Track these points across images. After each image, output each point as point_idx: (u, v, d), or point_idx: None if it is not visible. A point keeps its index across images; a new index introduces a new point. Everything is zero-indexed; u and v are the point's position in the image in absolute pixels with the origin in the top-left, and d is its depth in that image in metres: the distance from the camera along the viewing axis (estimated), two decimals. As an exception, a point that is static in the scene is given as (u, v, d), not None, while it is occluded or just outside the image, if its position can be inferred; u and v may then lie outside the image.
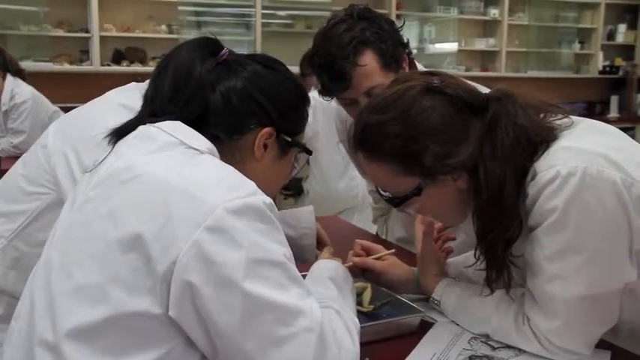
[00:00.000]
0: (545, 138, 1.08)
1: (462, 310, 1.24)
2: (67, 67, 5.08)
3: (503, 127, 1.07)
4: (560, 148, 1.06)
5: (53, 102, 4.09)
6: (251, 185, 0.89)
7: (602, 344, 1.13)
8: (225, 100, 1.01)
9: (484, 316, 1.19)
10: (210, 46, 1.05)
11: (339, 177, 3.36)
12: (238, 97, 1.02)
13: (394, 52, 1.54)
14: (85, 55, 5.20)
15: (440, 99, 1.09)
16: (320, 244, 1.50)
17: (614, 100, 7.52)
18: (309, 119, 1.16)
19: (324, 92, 1.58)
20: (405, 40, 1.61)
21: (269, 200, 0.89)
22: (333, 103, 1.95)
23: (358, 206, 3.39)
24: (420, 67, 1.71)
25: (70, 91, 4.93)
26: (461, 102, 1.09)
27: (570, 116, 1.13)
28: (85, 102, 1.57)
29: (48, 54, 5.05)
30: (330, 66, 1.51)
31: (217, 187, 0.86)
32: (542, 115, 1.12)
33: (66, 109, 3.53)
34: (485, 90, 1.20)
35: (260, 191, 0.89)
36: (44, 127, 3.42)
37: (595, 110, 7.26)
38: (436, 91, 1.10)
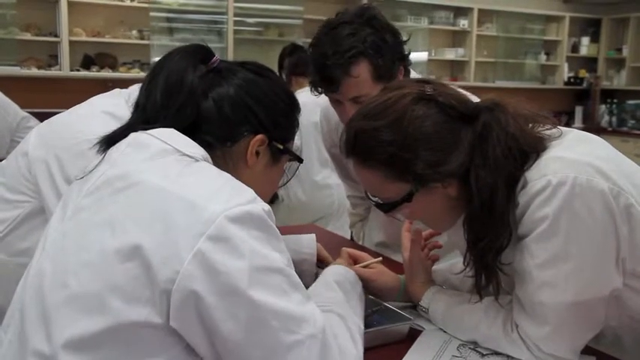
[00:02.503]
0: (535, 148, 1.10)
1: (451, 318, 1.25)
2: (35, 71, 4.97)
3: (494, 136, 1.08)
4: (551, 157, 1.08)
5: (21, 107, 4.00)
6: (250, 192, 0.89)
7: (586, 350, 1.16)
8: (218, 107, 1.01)
9: (473, 323, 1.20)
10: (201, 54, 1.05)
11: (313, 184, 3.36)
12: (231, 104, 1.02)
13: (390, 67, 1.54)
14: (53, 59, 5.10)
15: (432, 107, 1.10)
16: (323, 264, 1.51)
17: (578, 110, 7.72)
18: None
19: (314, 86, 1.59)
20: (407, 52, 1.61)
21: (267, 207, 0.89)
22: (318, 105, 1.96)
23: (333, 214, 3.39)
24: (415, 75, 1.71)
25: (39, 95, 4.85)
26: (453, 110, 1.11)
27: (558, 127, 1.16)
28: (54, 107, 1.55)
29: (15, 58, 4.93)
30: (323, 68, 1.51)
31: (217, 195, 0.85)
32: (531, 125, 1.14)
33: (34, 115, 3.47)
34: (476, 99, 1.22)
35: (259, 198, 0.89)
36: (12, 132, 3.35)
37: (560, 120, 7.43)
38: (429, 100, 1.11)
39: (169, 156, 0.92)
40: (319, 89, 1.59)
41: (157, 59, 1.07)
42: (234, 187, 0.90)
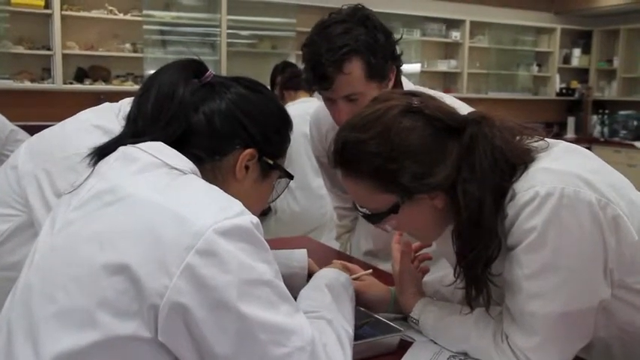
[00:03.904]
0: (522, 160, 1.11)
1: (441, 329, 1.25)
2: (28, 84, 4.97)
3: (481, 148, 1.09)
4: (539, 169, 1.09)
5: (13, 120, 3.98)
6: (238, 205, 0.89)
7: (576, 360, 1.16)
8: (209, 120, 1.01)
9: (463, 334, 1.20)
10: (194, 68, 1.06)
11: (307, 194, 3.36)
12: (222, 118, 1.02)
13: (383, 65, 1.56)
14: (46, 72, 5.10)
15: (419, 120, 1.11)
16: None
17: (570, 121, 7.76)
18: None
19: (307, 84, 1.61)
20: (399, 52, 1.63)
21: (256, 220, 0.89)
22: (308, 116, 1.97)
23: (327, 225, 3.39)
24: (406, 80, 1.73)
25: (32, 109, 4.85)
26: (440, 123, 1.11)
27: (545, 139, 1.17)
28: (48, 120, 1.54)
29: (8, 71, 4.94)
30: (316, 66, 1.53)
31: (205, 208, 0.86)
32: (518, 138, 1.14)
33: (28, 128, 3.46)
34: (469, 109, 1.22)
35: (247, 210, 0.89)
36: (1, 145, 3.33)
37: (553, 131, 7.46)
38: (416, 112, 1.12)
39: (158, 169, 0.92)
40: (311, 88, 1.61)
41: (150, 72, 1.07)
42: (223, 200, 0.90)
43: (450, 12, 6.80)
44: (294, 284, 1.44)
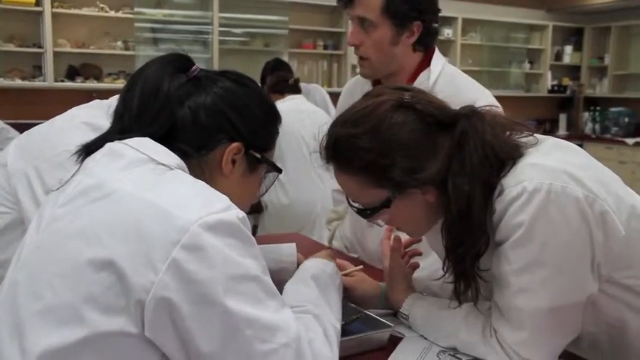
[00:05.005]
0: (511, 155, 1.11)
1: (431, 324, 1.26)
2: (19, 82, 4.95)
3: (471, 143, 1.09)
4: (527, 164, 1.09)
5: (4, 118, 3.97)
6: (224, 199, 0.89)
7: (564, 354, 1.16)
8: (194, 115, 1.01)
9: (452, 330, 1.20)
10: (180, 63, 1.05)
11: (297, 189, 3.37)
12: (207, 113, 1.02)
13: (401, 8, 1.64)
14: (37, 70, 5.08)
15: (410, 115, 1.12)
16: None
17: (562, 118, 7.79)
18: None
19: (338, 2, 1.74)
20: (432, 13, 1.73)
21: (242, 214, 0.89)
22: (299, 112, 1.97)
23: (317, 221, 3.40)
24: (440, 58, 1.78)
25: (23, 107, 4.83)
26: (431, 118, 1.12)
27: (535, 134, 1.17)
28: (39, 118, 1.53)
29: (-1, 69, 4.92)
30: None
31: (191, 203, 0.85)
32: (508, 133, 1.15)
33: (17, 126, 3.45)
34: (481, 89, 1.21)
35: (233, 205, 0.89)
36: (-9, 143, 3.31)
37: (545, 128, 7.49)
38: (407, 107, 1.12)
39: (144, 165, 0.92)
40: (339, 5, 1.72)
41: (141, 69, 1.07)
42: (209, 194, 0.90)
43: (442, 9, 6.79)
44: (284, 279, 1.44)
